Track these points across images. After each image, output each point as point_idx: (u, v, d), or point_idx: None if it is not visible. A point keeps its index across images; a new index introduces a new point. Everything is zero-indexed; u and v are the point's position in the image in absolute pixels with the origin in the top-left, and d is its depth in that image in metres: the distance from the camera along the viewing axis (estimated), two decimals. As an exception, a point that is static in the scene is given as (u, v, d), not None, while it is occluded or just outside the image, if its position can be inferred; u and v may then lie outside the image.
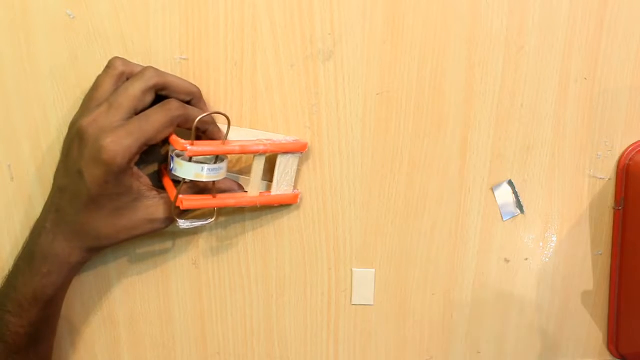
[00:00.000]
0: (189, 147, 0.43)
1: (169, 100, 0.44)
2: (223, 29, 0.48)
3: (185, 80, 0.47)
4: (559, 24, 0.49)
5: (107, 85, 0.45)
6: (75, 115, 0.46)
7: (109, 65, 0.46)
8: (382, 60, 0.49)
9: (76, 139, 0.44)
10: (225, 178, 0.46)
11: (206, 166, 0.44)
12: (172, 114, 0.44)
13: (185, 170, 0.44)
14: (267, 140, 0.47)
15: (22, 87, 0.48)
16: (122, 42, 0.47)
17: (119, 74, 0.45)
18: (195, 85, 0.47)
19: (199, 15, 0.47)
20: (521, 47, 0.49)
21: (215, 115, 0.47)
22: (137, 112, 0.44)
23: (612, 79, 0.50)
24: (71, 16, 0.47)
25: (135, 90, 0.43)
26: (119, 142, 0.42)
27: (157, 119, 0.43)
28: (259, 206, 0.50)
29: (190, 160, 0.44)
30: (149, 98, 0.44)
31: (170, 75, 0.46)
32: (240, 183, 0.50)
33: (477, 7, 0.48)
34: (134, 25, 0.47)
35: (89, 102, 0.45)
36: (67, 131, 0.47)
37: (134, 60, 0.47)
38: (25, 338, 0.47)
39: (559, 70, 0.50)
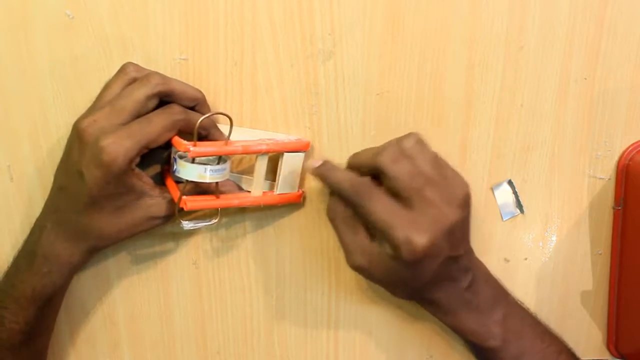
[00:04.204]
0: (191, 148, 0.43)
1: (171, 104, 0.45)
2: (223, 29, 0.48)
3: (189, 86, 0.46)
4: (559, 23, 0.49)
5: (116, 88, 0.45)
6: (80, 116, 0.46)
7: (121, 70, 0.46)
8: (382, 60, 0.49)
9: (76, 140, 0.44)
10: (225, 180, 0.47)
11: (209, 167, 0.44)
12: (174, 118, 0.44)
13: (188, 171, 0.44)
14: (269, 139, 0.47)
15: (22, 87, 0.48)
16: (122, 42, 0.47)
17: (130, 80, 0.45)
18: (199, 91, 0.47)
19: (198, 16, 0.47)
20: (521, 46, 0.49)
21: (217, 116, 0.47)
22: (139, 116, 0.44)
23: (612, 79, 0.50)
24: (71, 16, 0.47)
25: (139, 96, 0.43)
26: (120, 143, 0.42)
27: (158, 122, 0.43)
28: (262, 206, 0.50)
29: (193, 161, 0.45)
30: (152, 104, 0.44)
31: (175, 81, 0.46)
32: (243, 183, 0.50)
33: (477, 7, 0.48)
34: (134, 25, 0.47)
35: (95, 102, 0.46)
36: (67, 131, 0.47)
37: (133, 60, 0.47)
38: (20, 335, 0.47)
39: (559, 70, 0.50)
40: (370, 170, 0.45)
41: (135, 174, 0.45)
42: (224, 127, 0.47)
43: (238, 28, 0.48)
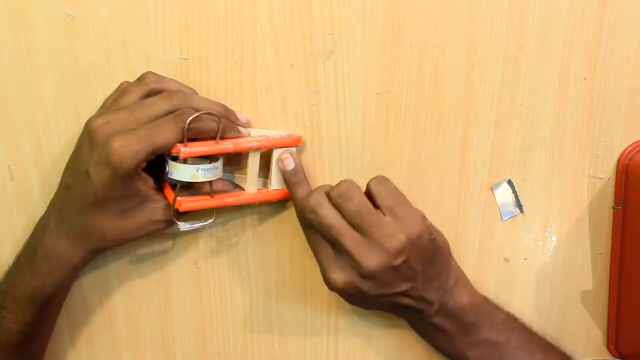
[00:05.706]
0: (182, 149, 0.43)
1: (183, 110, 0.44)
2: (223, 29, 0.48)
3: (212, 102, 0.46)
4: (559, 23, 0.49)
5: (135, 96, 0.45)
6: (93, 116, 0.46)
7: (142, 79, 0.46)
8: (382, 60, 0.49)
9: (87, 140, 0.44)
10: (219, 179, 0.47)
11: (201, 167, 0.44)
12: (184, 126, 0.43)
13: (180, 172, 0.44)
14: (260, 136, 0.47)
15: (22, 87, 0.48)
16: (122, 42, 0.47)
17: (150, 91, 0.45)
18: (222, 106, 0.47)
19: (199, 16, 0.47)
20: (521, 46, 0.49)
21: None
22: None
23: (612, 79, 0.51)
24: (71, 16, 0.47)
25: (159, 112, 0.43)
26: (128, 147, 0.42)
27: (168, 130, 0.43)
28: (257, 203, 0.50)
29: (185, 162, 0.45)
30: None
31: (198, 99, 0.46)
32: (237, 182, 0.50)
33: (477, 7, 0.48)
34: (134, 25, 0.47)
35: (111, 105, 0.46)
36: (67, 131, 0.47)
37: (134, 60, 0.47)
38: (19, 336, 0.47)
39: (559, 70, 0.50)
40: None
41: (141, 179, 0.45)
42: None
43: (238, 28, 0.48)
